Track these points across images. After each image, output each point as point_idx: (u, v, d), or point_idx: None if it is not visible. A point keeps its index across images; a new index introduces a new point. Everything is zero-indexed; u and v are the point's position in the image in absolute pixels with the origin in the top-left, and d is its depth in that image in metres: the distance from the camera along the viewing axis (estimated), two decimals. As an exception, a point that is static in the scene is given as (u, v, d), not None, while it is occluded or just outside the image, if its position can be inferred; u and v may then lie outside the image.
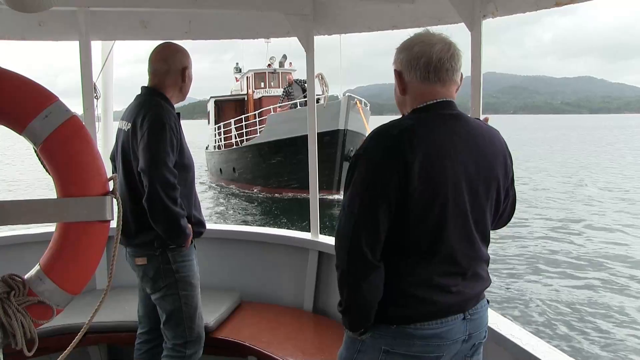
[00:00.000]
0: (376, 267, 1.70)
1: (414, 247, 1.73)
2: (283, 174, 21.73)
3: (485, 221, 1.84)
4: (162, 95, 2.84)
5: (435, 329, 1.74)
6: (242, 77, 30.37)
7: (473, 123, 1.85)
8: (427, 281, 1.73)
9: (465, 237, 1.77)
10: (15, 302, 1.86)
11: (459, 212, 1.73)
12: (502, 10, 2.88)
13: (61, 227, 1.99)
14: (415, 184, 1.65)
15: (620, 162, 37.23)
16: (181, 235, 2.73)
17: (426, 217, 1.69)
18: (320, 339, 3.51)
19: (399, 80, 1.88)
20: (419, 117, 1.78)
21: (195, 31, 3.97)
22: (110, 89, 4.71)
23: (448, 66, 1.79)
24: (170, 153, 2.64)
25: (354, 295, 1.72)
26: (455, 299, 1.77)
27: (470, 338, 1.84)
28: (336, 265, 1.76)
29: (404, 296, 1.74)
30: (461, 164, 1.73)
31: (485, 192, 1.80)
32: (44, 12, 3.42)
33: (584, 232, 14.92)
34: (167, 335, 2.94)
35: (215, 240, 4.09)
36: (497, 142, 1.88)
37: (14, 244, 3.92)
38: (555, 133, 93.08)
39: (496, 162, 1.84)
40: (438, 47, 1.78)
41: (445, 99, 1.82)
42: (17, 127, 1.94)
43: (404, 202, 1.66)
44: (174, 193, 2.63)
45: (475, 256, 1.82)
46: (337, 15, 3.79)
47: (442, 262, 1.74)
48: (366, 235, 1.67)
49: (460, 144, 1.74)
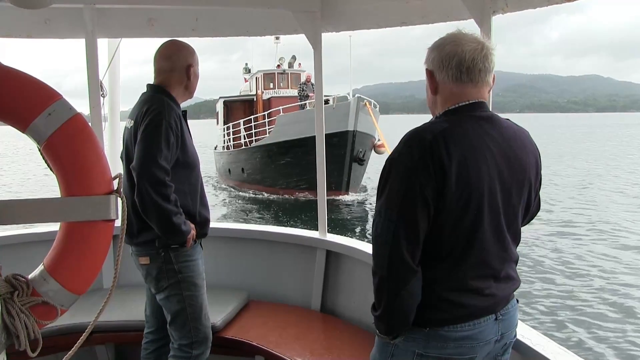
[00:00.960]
0: (416, 272, 1.70)
1: (450, 251, 1.72)
2: (292, 174, 21.74)
3: (517, 222, 1.84)
4: (166, 93, 2.82)
5: (468, 331, 1.74)
6: (251, 77, 30.41)
7: (505, 124, 1.83)
8: (462, 285, 1.73)
9: (498, 240, 1.76)
10: (19, 302, 1.84)
11: (493, 214, 1.72)
12: (512, 5, 2.83)
13: (65, 227, 1.96)
14: (452, 188, 1.63)
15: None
16: (176, 233, 2.69)
17: (462, 220, 1.68)
18: (328, 339, 3.47)
19: (430, 80, 1.85)
20: (453, 120, 1.75)
21: (202, 28, 3.95)
22: (117, 87, 4.70)
23: (481, 66, 1.77)
24: (163, 150, 2.60)
25: (393, 301, 1.71)
26: (488, 301, 1.77)
27: (502, 338, 1.85)
28: (373, 271, 1.75)
29: (439, 300, 1.73)
30: (495, 166, 1.71)
31: (517, 193, 1.79)
32: (50, 10, 3.41)
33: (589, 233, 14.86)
34: (174, 336, 2.92)
35: (223, 239, 4.08)
36: (529, 143, 1.86)
37: (18, 242, 3.91)
38: (563, 130, 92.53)
39: (528, 164, 1.82)
40: (470, 47, 1.75)
41: (477, 100, 1.79)
42: (20, 125, 1.92)
43: (441, 206, 1.65)
44: (164, 190, 2.59)
45: (507, 257, 1.82)
46: (345, 12, 3.76)
47: (476, 265, 1.74)
48: (406, 240, 1.66)
49: (494, 147, 1.73)
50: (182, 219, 2.70)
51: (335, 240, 3.82)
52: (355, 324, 3.55)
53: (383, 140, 20.69)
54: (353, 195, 20.59)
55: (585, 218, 17.06)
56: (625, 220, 16.48)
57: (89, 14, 3.57)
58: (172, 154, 2.67)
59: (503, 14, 2.90)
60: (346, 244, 3.73)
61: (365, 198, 20.91)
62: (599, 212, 17.83)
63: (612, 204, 19.71)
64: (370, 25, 3.74)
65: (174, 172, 2.69)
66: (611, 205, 19.26)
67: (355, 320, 3.58)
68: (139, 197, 2.58)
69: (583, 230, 15.39)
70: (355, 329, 3.48)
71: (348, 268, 3.76)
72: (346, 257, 3.74)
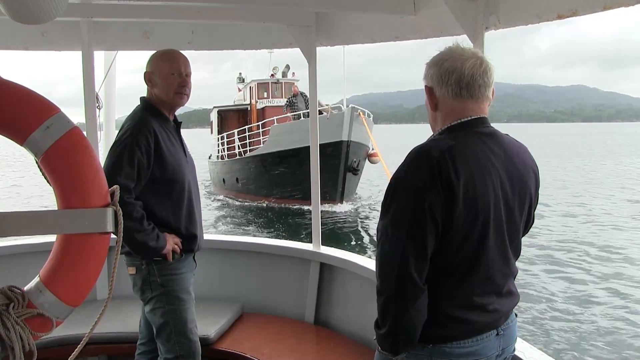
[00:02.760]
0: (423, 290, 1.69)
1: (456, 268, 1.72)
2: (286, 184, 21.72)
3: (519, 237, 1.85)
4: (149, 105, 2.83)
5: (471, 347, 1.74)
6: (245, 87, 30.38)
7: (506, 140, 1.84)
8: (467, 301, 1.73)
9: (502, 255, 1.77)
10: (14, 314, 1.84)
11: (498, 230, 1.73)
12: (504, 22, 2.88)
13: (61, 239, 1.97)
14: (459, 205, 1.63)
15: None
16: (143, 250, 2.68)
17: (469, 237, 1.68)
18: (322, 351, 3.48)
19: (430, 96, 1.85)
20: (457, 137, 1.75)
21: (198, 42, 3.99)
22: (113, 99, 4.72)
23: (480, 82, 1.76)
24: (124, 168, 2.60)
25: (400, 320, 1.70)
26: (491, 317, 1.78)
27: (503, 352, 1.85)
28: (379, 290, 1.73)
29: (445, 317, 1.73)
30: (499, 183, 1.72)
31: (519, 208, 1.80)
32: (48, 23, 3.43)
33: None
34: (161, 349, 2.90)
35: (217, 250, 4.08)
36: (528, 158, 1.88)
37: (14, 253, 3.91)
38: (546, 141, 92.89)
39: (529, 179, 1.84)
40: (470, 63, 1.75)
41: (478, 115, 1.80)
42: (18, 138, 1.93)
43: (449, 224, 1.65)
44: (125, 208, 2.40)
45: (509, 272, 1.83)
46: (339, 27, 3.80)
47: (481, 281, 1.74)
48: (415, 259, 1.65)
49: (498, 163, 1.74)
50: (151, 235, 2.66)
51: (329, 252, 3.83)
52: (349, 336, 3.55)
53: (377, 150, 20.74)
54: (347, 205, 20.61)
55: (578, 221, 17.16)
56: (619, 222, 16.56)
57: (86, 26, 3.59)
58: (143, 171, 2.65)
59: (495, 29, 2.95)
60: (340, 257, 3.74)
61: (359, 208, 20.93)
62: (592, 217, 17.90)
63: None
64: (364, 40, 3.78)
65: (152, 189, 2.70)
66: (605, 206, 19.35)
67: (348, 332, 3.59)
68: None
69: (574, 235, 15.51)
70: (349, 342, 3.48)
71: (342, 280, 3.77)
72: (340, 270, 3.75)
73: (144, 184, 2.69)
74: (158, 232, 2.71)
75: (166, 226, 2.76)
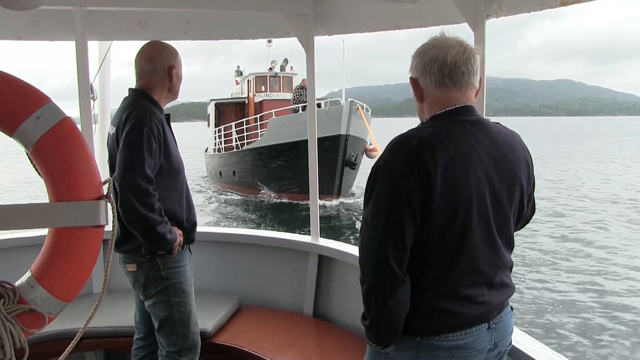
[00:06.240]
0: (404, 280, 1.67)
1: (438, 258, 1.69)
2: (284, 178, 21.68)
3: (509, 227, 1.81)
4: (148, 97, 2.76)
5: (460, 340, 1.72)
6: (243, 80, 30.29)
7: (494, 128, 1.80)
8: (453, 293, 1.70)
9: (489, 246, 1.73)
10: (5, 310, 1.80)
11: (482, 220, 1.69)
12: (506, 10, 2.82)
13: (53, 233, 1.93)
14: (438, 194, 1.60)
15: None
16: (162, 242, 2.65)
17: (450, 226, 1.65)
18: (321, 344, 3.45)
19: (415, 88, 1.83)
20: (439, 125, 1.73)
21: (193, 31, 3.93)
22: (108, 90, 4.65)
23: (464, 69, 1.73)
24: (146, 158, 2.54)
25: (381, 310, 1.68)
26: (480, 309, 1.74)
27: (496, 346, 1.82)
28: (361, 280, 1.72)
29: (430, 308, 1.71)
30: (484, 171, 1.68)
31: (509, 198, 1.76)
32: (39, 12, 3.37)
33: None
34: (162, 343, 2.88)
35: (214, 243, 4.05)
36: (519, 147, 1.83)
37: (4, 247, 3.85)
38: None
39: (519, 168, 1.79)
40: (453, 51, 1.72)
41: (464, 104, 1.76)
42: (7, 129, 1.88)
43: (428, 213, 1.62)
44: (148, 199, 2.54)
45: (500, 264, 1.79)
46: (338, 16, 3.74)
47: (467, 272, 1.71)
48: (393, 249, 1.63)
49: (482, 151, 1.70)
50: (168, 228, 2.65)
51: (328, 244, 3.79)
52: (347, 329, 3.53)
53: (375, 144, 20.69)
54: (345, 199, 20.58)
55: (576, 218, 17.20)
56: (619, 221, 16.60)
57: (79, 16, 3.52)
58: (156, 161, 2.61)
59: (497, 17, 2.89)
60: (338, 249, 3.71)
61: (356, 202, 20.92)
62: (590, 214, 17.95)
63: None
64: (363, 29, 3.72)
65: (159, 179, 2.64)
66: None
67: (347, 325, 3.56)
68: (122, 208, 2.52)
69: (574, 228, 15.51)
70: (348, 334, 3.45)
71: (340, 273, 3.73)
72: (339, 262, 3.71)
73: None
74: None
75: (171, 217, 2.73)
